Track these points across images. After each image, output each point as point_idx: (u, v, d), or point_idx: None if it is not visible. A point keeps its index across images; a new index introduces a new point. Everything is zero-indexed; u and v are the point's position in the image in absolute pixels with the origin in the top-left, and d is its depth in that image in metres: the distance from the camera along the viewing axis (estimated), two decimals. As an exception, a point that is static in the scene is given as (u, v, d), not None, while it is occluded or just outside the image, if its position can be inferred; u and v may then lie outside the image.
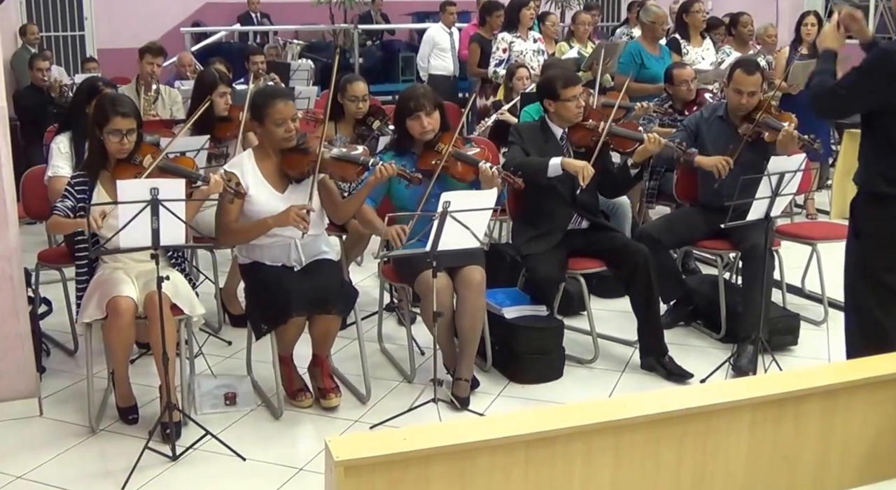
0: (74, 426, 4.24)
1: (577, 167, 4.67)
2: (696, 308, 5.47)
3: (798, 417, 2.92)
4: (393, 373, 4.88)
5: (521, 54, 8.23)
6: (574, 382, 4.76)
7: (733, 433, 2.84)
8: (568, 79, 4.98)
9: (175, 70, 9.75)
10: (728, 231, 4.73)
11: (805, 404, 2.92)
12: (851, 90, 3.73)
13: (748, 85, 5.14)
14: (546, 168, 4.72)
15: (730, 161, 5.03)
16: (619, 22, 13.52)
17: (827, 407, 2.95)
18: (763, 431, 2.88)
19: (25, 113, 8.25)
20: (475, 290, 4.40)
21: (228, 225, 4.29)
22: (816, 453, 2.99)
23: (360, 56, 13.21)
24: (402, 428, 3.83)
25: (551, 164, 4.72)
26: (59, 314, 5.36)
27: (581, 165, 4.67)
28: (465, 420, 4.09)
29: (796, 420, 2.92)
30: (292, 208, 4.19)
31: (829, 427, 2.97)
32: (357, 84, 5.71)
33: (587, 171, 4.65)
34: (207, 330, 5.29)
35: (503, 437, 2.49)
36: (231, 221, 4.29)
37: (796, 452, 2.95)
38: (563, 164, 4.71)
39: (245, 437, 4.11)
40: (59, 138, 4.99)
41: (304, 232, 4.20)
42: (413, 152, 4.68)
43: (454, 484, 2.47)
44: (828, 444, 2.99)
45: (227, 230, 4.32)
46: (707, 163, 5.10)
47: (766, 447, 2.89)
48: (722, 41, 8.41)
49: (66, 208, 4.09)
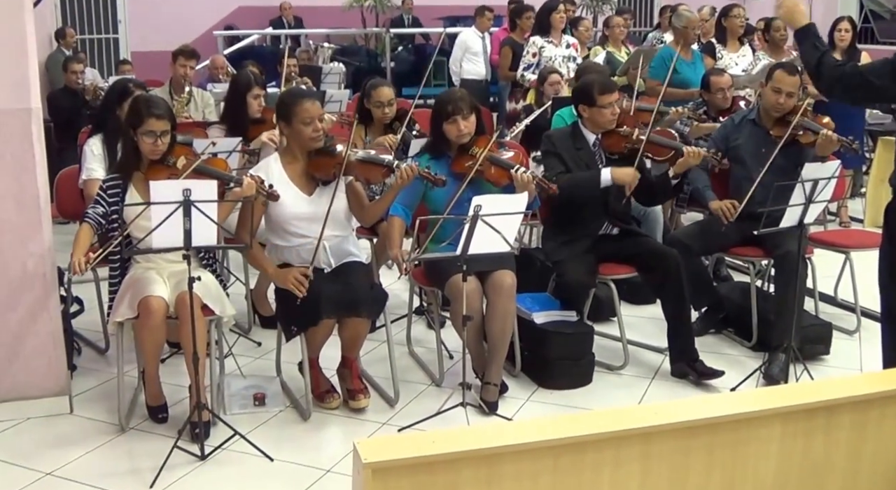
0: (104, 424, 4.28)
1: (627, 179, 4.71)
2: (727, 315, 5.43)
3: (829, 428, 2.89)
4: (421, 376, 4.88)
5: (551, 60, 8.21)
6: (603, 389, 4.75)
7: (763, 443, 2.81)
8: (605, 85, 4.96)
9: (207, 73, 9.81)
10: (761, 238, 4.70)
11: (836, 415, 2.89)
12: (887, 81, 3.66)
13: (788, 85, 5.10)
14: (598, 182, 4.76)
15: (737, 206, 4.97)
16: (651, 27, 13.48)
17: (858, 418, 2.92)
18: (793, 441, 2.85)
19: (59, 115, 8.34)
20: (506, 295, 4.39)
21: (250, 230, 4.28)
22: (847, 465, 2.95)
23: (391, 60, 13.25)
24: (430, 431, 3.83)
25: (603, 178, 4.75)
26: (91, 313, 5.41)
27: (631, 177, 4.71)
28: (493, 425, 4.09)
29: (827, 431, 2.89)
30: (292, 271, 4.19)
31: (861, 438, 2.93)
32: (382, 89, 5.73)
33: (635, 181, 4.71)
34: (237, 331, 5.32)
35: (531, 443, 2.48)
36: (255, 222, 4.28)
37: (826, 463, 2.92)
38: (613, 174, 4.73)
39: (273, 438, 4.13)
40: (92, 140, 5.04)
41: (300, 297, 4.15)
42: (448, 155, 4.69)
43: (481, 488, 2.47)
44: (859, 455, 2.95)
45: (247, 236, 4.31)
46: (715, 207, 5.09)
47: (796, 457, 2.86)
48: (757, 47, 8.35)
49: (97, 215, 4.12)
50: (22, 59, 4.12)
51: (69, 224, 5.89)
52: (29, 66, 4.15)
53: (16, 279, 4.24)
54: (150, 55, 6.65)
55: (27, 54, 4.14)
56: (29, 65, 4.15)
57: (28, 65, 4.14)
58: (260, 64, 8.61)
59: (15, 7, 4.10)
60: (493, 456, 2.46)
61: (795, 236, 4.56)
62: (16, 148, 4.16)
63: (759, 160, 5.09)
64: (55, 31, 11.21)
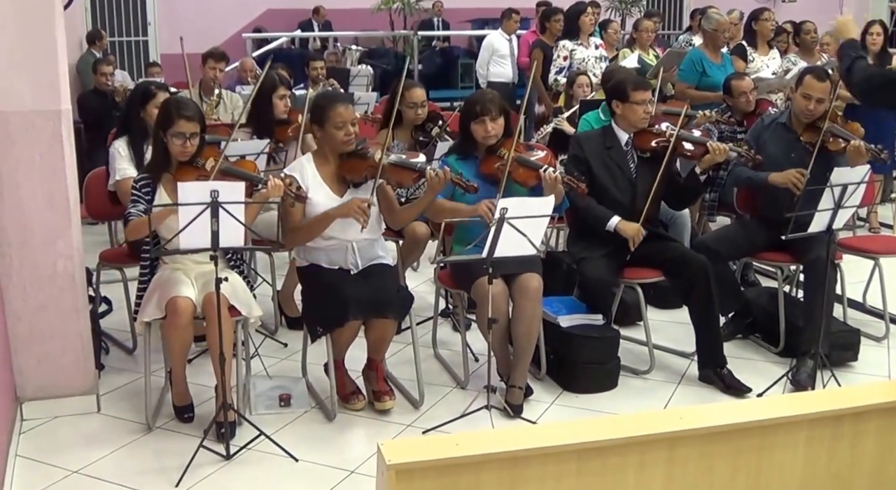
0: (131, 423, 4.32)
1: (631, 233, 4.74)
2: (754, 321, 5.40)
3: (855, 435, 2.87)
4: (446, 378, 4.89)
5: (584, 61, 8.20)
6: (629, 393, 4.74)
7: (789, 449, 2.80)
8: (638, 82, 4.99)
9: (237, 75, 9.87)
10: (789, 243, 4.67)
11: (863, 422, 2.87)
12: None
13: (818, 91, 5.06)
14: (606, 222, 4.80)
15: (804, 173, 4.93)
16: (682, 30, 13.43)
17: (885, 425, 2.89)
18: (819, 448, 2.83)
19: (89, 116, 8.42)
20: (532, 298, 4.40)
21: (293, 226, 4.33)
22: (873, 472, 2.93)
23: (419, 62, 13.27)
24: (454, 434, 3.83)
25: (609, 224, 4.79)
26: (119, 313, 5.46)
27: (634, 232, 4.73)
28: (517, 427, 4.10)
29: (854, 438, 2.87)
30: (354, 200, 4.23)
31: (888, 446, 2.91)
32: (415, 90, 5.74)
33: (638, 237, 4.72)
34: (264, 332, 5.35)
35: (555, 446, 2.48)
36: (295, 223, 4.33)
37: (852, 471, 2.90)
38: (618, 227, 4.77)
39: (298, 439, 4.15)
40: (118, 143, 5.08)
41: (364, 226, 4.23)
42: (476, 156, 4.70)
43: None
44: (885, 463, 2.93)
45: (292, 230, 4.35)
46: (780, 180, 5.02)
47: (821, 464, 2.84)
48: (786, 50, 8.30)
49: (140, 213, 4.12)
50: (52, 62, 4.17)
51: (98, 224, 5.97)
52: (59, 68, 4.19)
53: (45, 279, 4.29)
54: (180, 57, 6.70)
55: (57, 57, 4.18)
56: (59, 67, 4.19)
57: (58, 67, 4.19)
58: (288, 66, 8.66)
59: (45, 10, 4.14)
60: (516, 459, 2.46)
61: (824, 242, 4.54)
62: (45, 149, 4.20)
63: (787, 164, 5.07)
64: (87, 34, 11.32)
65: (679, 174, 5.01)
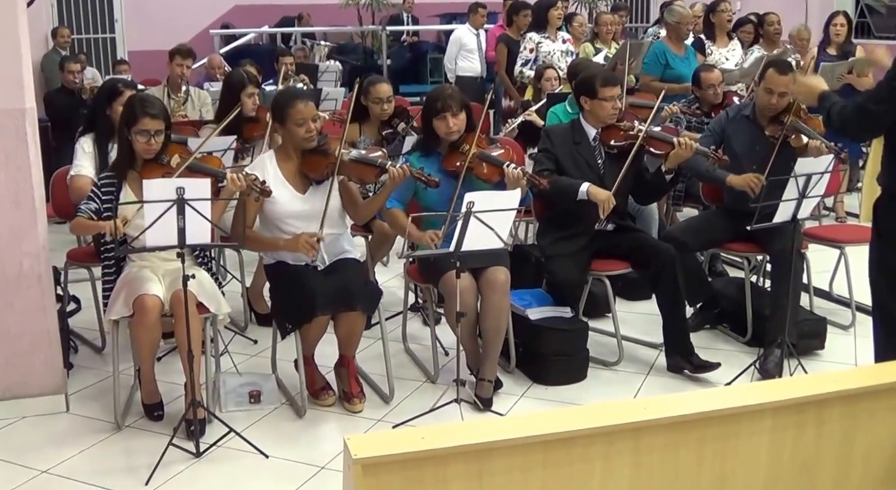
0: (100, 422, 4.29)
1: (602, 198, 4.69)
2: (722, 311, 5.44)
3: (820, 422, 2.90)
4: (416, 373, 4.89)
5: (549, 55, 8.21)
6: (598, 385, 4.75)
7: (754, 437, 2.82)
8: (607, 78, 4.97)
9: (204, 72, 9.82)
10: (756, 233, 4.70)
11: (827, 409, 2.90)
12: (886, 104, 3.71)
13: (780, 85, 5.08)
14: (576, 192, 4.75)
15: (761, 178, 4.95)
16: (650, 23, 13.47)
17: (849, 412, 2.93)
18: (784, 436, 2.86)
19: (57, 114, 8.35)
20: (499, 291, 4.40)
21: (244, 227, 4.31)
22: (838, 459, 2.96)
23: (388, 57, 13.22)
24: (421, 427, 3.84)
25: (581, 190, 4.74)
26: (88, 312, 5.41)
27: (605, 197, 4.68)
28: (483, 420, 4.11)
29: (818, 425, 2.90)
30: (302, 236, 4.22)
31: (852, 433, 2.95)
32: (381, 85, 5.72)
33: (609, 204, 4.68)
34: (233, 328, 5.33)
35: (521, 438, 2.49)
36: (249, 220, 4.32)
37: (817, 458, 2.93)
38: (589, 191, 4.72)
39: (268, 435, 4.14)
40: (83, 139, 5.04)
41: (313, 259, 4.24)
42: (439, 152, 4.69)
43: (472, 483, 2.48)
44: (850, 450, 2.96)
45: (246, 238, 4.35)
46: (738, 182, 5.04)
47: (786, 452, 2.87)
48: (752, 41, 8.33)
49: (89, 211, 4.11)
50: (15, 59, 4.13)
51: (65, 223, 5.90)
52: (23, 65, 4.15)
53: (12, 278, 4.25)
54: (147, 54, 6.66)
55: (21, 54, 4.14)
56: (23, 64, 4.15)
57: (22, 64, 4.15)
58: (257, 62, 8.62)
59: (8, 6, 4.10)
60: (483, 451, 2.47)
61: (790, 231, 4.57)
62: (10, 147, 4.16)
63: (752, 157, 5.11)
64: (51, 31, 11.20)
65: (647, 169, 5.02)
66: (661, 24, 9.88)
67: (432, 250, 4.29)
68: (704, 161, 5.02)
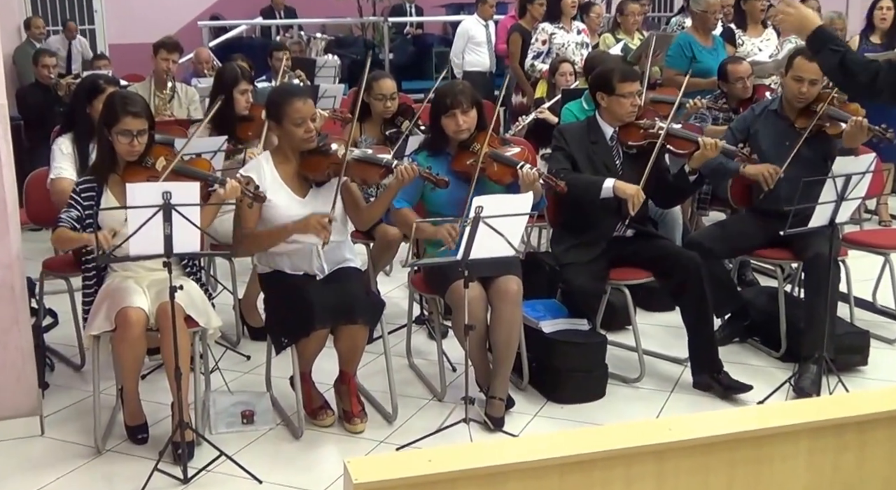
0: (79, 446, 4.29)
1: (630, 193, 4.68)
2: (752, 323, 5.42)
3: (862, 445, 2.88)
4: (422, 390, 4.89)
5: (563, 47, 8.22)
6: (618, 403, 4.75)
7: (789, 460, 2.80)
8: (626, 73, 4.95)
9: (192, 67, 9.85)
10: (788, 239, 4.69)
11: (870, 431, 2.87)
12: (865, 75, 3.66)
13: (809, 72, 5.06)
14: (600, 188, 4.74)
15: (778, 170, 4.96)
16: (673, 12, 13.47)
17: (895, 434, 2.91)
18: (823, 460, 2.84)
19: (30, 112, 8.35)
20: (511, 302, 4.40)
21: (246, 231, 4.33)
22: (882, 484, 2.94)
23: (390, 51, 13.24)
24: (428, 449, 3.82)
25: (604, 187, 4.73)
26: (66, 326, 5.42)
27: (633, 192, 4.68)
28: (494, 441, 4.09)
29: (860, 448, 2.87)
30: (313, 216, 4.22)
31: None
32: (384, 81, 5.73)
33: (638, 198, 4.67)
34: (225, 343, 5.33)
35: (535, 461, 2.47)
36: (249, 228, 4.33)
37: (860, 483, 2.91)
38: (615, 187, 4.71)
39: (262, 459, 4.14)
40: (61, 140, 5.04)
41: (325, 241, 4.24)
42: (448, 152, 4.69)
43: (482, 510, 2.47)
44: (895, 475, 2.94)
45: (245, 237, 4.35)
46: (752, 172, 5.04)
47: (825, 478, 2.84)
48: (786, 30, 8.28)
49: (71, 219, 4.11)
50: (-15, 52, 4.14)
51: (41, 230, 5.92)
52: (-8, 58, 4.17)
53: (-19, 291, 4.26)
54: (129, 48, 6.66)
55: (-10, 46, 4.15)
56: (-7, 57, 4.17)
57: (-9, 57, 4.16)
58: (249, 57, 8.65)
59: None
60: (493, 475, 2.46)
61: (826, 237, 4.56)
62: (-21, 148, 4.17)
63: (782, 155, 5.09)
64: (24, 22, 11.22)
65: (668, 170, 5.02)
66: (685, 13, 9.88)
67: (438, 258, 4.29)
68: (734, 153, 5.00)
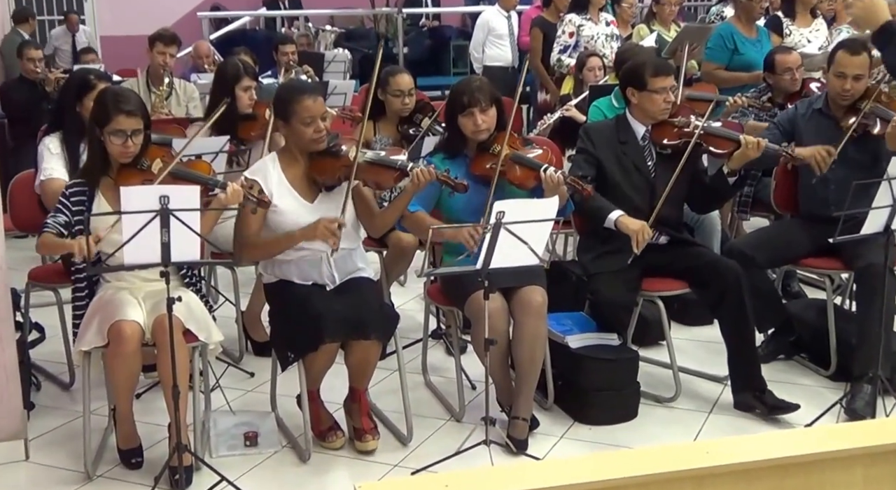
0: (66, 472, 4.29)
1: (633, 229, 4.66)
2: (799, 339, 5.40)
3: (924, 472, 2.87)
4: (439, 410, 4.89)
5: (592, 39, 8.21)
6: (651, 424, 4.74)
7: (842, 488, 2.79)
8: (659, 66, 4.94)
9: (191, 61, 9.89)
10: (838, 247, 4.67)
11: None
12: None
13: (853, 67, 5.05)
14: (605, 217, 4.75)
15: (832, 151, 4.93)
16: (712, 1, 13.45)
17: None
18: (879, 488, 2.82)
19: (15, 109, 8.38)
20: (534, 315, 4.40)
21: (249, 238, 4.34)
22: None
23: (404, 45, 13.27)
24: (445, 473, 3.82)
25: (608, 219, 4.74)
26: (53, 342, 5.44)
27: (637, 228, 4.66)
28: (517, 465, 4.09)
29: (922, 476, 2.86)
30: (321, 221, 4.22)
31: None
32: (401, 76, 5.74)
33: (643, 235, 4.64)
34: (226, 359, 5.34)
35: (561, 486, 2.47)
36: (252, 234, 4.34)
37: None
38: (618, 222, 4.71)
39: (266, 484, 4.15)
40: (49, 139, 5.05)
41: (335, 248, 4.24)
42: (465, 154, 4.70)
43: (503, 540, 2.46)
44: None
45: (248, 244, 4.36)
46: (805, 154, 5.01)
47: (882, 506, 2.84)
48: (833, 18, 8.23)
49: (58, 225, 4.11)
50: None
51: (27, 237, 5.95)
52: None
53: (-39, 303, 4.27)
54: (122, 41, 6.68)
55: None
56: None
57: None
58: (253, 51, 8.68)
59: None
60: (516, 501, 2.45)
61: (881, 245, 4.53)
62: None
63: (829, 157, 5.08)
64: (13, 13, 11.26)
65: (705, 172, 5.00)
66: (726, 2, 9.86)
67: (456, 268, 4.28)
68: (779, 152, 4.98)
